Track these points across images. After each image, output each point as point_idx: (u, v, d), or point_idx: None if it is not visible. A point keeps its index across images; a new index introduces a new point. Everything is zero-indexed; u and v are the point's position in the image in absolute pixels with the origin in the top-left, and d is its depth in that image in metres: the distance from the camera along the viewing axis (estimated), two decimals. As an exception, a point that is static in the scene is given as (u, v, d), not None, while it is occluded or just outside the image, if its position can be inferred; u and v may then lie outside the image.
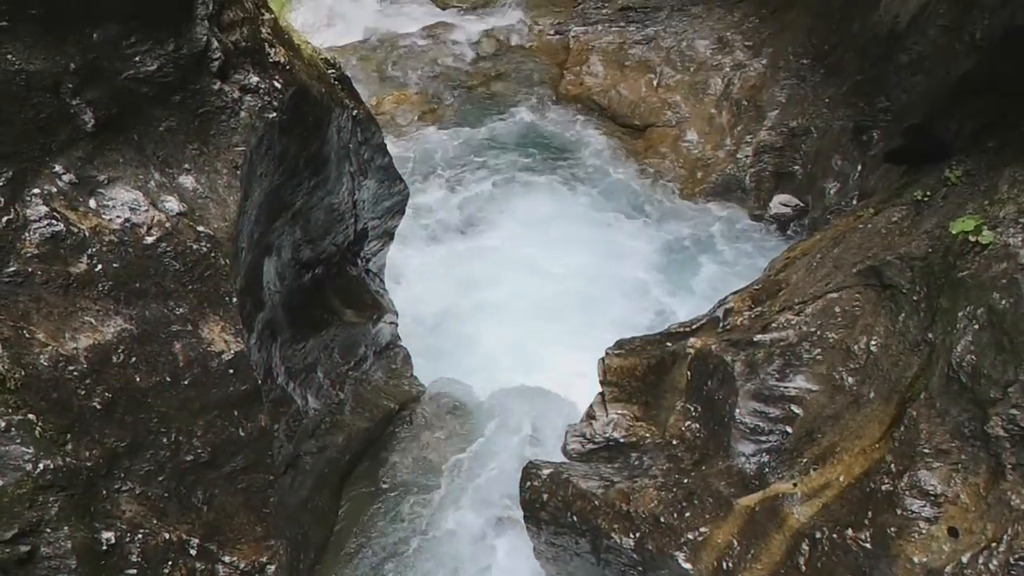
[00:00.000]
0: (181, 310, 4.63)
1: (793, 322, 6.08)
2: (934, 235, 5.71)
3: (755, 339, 6.16)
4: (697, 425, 6.28)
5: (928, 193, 6.22)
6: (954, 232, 5.46)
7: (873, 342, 5.71)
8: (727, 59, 13.00)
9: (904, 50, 10.32)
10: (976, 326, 5.07)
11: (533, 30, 15.36)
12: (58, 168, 4.24)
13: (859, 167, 10.31)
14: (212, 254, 4.72)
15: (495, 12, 15.85)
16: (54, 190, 4.23)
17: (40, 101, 4.12)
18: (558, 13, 15.53)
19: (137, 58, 4.38)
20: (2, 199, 4.06)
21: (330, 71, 6.82)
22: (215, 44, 4.76)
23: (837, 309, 5.96)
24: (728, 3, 13.68)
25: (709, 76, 12.97)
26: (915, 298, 5.59)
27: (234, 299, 4.87)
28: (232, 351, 4.72)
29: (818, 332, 5.95)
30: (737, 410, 5.96)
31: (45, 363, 4.07)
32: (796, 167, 11.53)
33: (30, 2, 3.92)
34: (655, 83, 13.38)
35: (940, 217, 5.85)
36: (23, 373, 3.99)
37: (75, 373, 4.15)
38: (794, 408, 5.85)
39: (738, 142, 12.14)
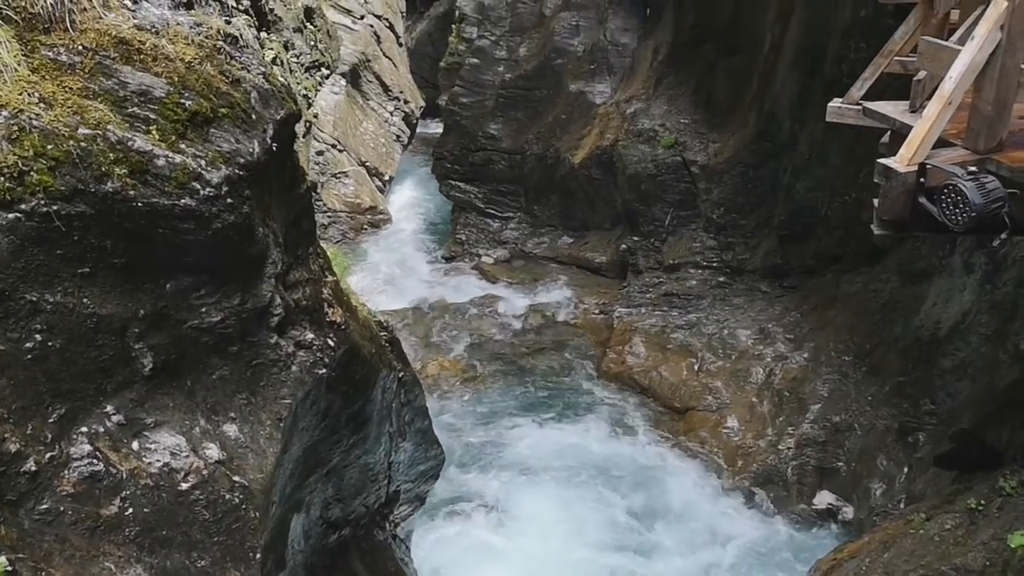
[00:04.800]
0: (203, 563, 4.45)
1: (843, 631, 5.69)
2: (991, 547, 5.46)
3: (801, 647, 5.75)
4: None
5: (982, 502, 6.02)
6: (1013, 546, 5.22)
7: (931, 661, 5.29)
8: (768, 350, 13.21)
9: (947, 355, 10.40)
10: (1044, 653, 4.70)
11: (579, 308, 16.01)
12: (109, 408, 4.27)
13: (906, 469, 10.06)
14: (243, 506, 4.59)
15: (543, 288, 16.62)
16: (101, 430, 4.24)
17: (105, 343, 4.19)
18: (603, 294, 16.27)
19: (203, 309, 4.49)
20: (50, 435, 4.07)
21: (382, 333, 6.96)
22: (278, 301, 4.88)
23: (890, 620, 5.59)
24: (769, 296, 14.19)
25: (751, 365, 13.14)
26: (974, 615, 5.24)
27: (258, 555, 4.68)
28: (247, 612, 4.49)
29: (870, 645, 5.54)
30: None
31: (56, 609, 3.89)
32: (840, 463, 11.28)
33: (115, 252, 4.11)
34: (696, 367, 13.57)
35: (996, 528, 5.61)
36: (32, 619, 3.81)
37: (84, 623, 3.95)
38: None
39: (780, 433, 12.01)
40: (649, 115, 15.71)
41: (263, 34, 10.94)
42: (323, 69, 16.51)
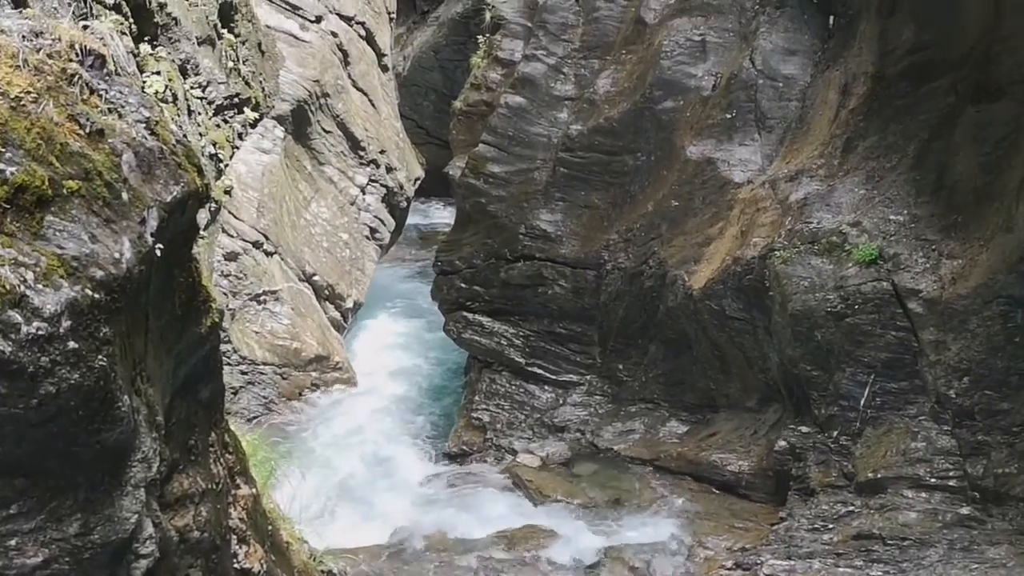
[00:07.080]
0: None
1: None
2: None
3: None
4: None
5: None
6: None
7: None
8: (1052, 650, 13.14)
9: None
10: None
11: (696, 556, 15.86)
12: None
13: None
14: None
15: (631, 517, 16.63)
16: None
17: None
18: (742, 532, 16.19)
19: (13, 542, 4.42)
20: None
21: (334, 598, 7.09)
22: (149, 531, 4.93)
23: None
24: (1053, 546, 14.11)
25: None
26: None
27: None
28: None
29: None
30: None
31: None
32: None
33: None
34: None
35: None
36: None
37: None
38: None
39: None
40: (832, 205, 15.94)
41: (145, 47, 11.14)
42: (247, 110, 16.73)
